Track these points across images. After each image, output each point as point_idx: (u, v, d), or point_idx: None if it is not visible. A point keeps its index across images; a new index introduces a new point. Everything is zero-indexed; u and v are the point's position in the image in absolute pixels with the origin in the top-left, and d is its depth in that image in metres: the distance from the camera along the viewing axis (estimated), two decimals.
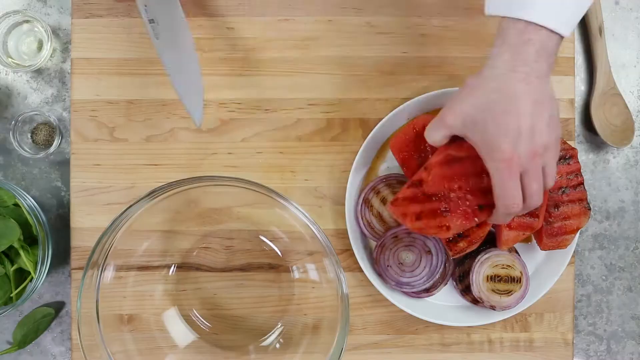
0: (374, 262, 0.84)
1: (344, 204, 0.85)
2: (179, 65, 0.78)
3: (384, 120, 0.84)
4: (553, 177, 0.69)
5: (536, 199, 0.68)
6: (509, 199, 0.67)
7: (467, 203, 0.72)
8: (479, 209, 0.72)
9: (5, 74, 0.90)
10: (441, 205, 0.72)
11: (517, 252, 0.85)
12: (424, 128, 0.76)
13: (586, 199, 0.81)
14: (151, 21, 0.77)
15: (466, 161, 0.71)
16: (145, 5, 0.77)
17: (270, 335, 0.87)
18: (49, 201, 0.90)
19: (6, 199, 0.83)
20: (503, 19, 0.66)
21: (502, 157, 0.65)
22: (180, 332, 0.86)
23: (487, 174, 0.68)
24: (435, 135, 0.71)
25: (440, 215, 0.72)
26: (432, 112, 0.86)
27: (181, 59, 0.79)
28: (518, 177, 0.66)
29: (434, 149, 0.76)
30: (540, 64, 0.66)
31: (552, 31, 0.66)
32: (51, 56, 0.89)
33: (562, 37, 0.68)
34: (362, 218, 0.85)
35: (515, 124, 0.65)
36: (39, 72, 0.89)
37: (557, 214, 0.80)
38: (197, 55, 0.79)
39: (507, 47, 0.66)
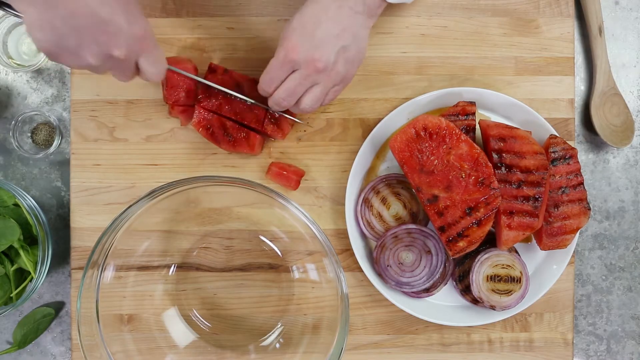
0: (374, 262, 0.84)
1: (344, 204, 0.85)
2: None
3: (384, 120, 0.84)
4: (313, 101, 0.75)
5: (288, 101, 0.75)
6: (267, 82, 0.75)
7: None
8: None
9: (5, 74, 0.90)
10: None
11: (517, 252, 0.85)
12: (424, 128, 0.77)
13: (586, 198, 0.81)
14: None
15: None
16: None
17: (270, 335, 0.87)
18: (49, 201, 0.90)
19: (6, 199, 0.83)
20: None
21: (285, 45, 0.72)
22: (180, 332, 0.86)
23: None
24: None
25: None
26: (432, 112, 0.86)
27: None
28: (287, 70, 0.73)
29: (434, 149, 0.76)
30: (369, 4, 0.73)
31: None
32: None
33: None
34: (362, 218, 0.85)
35: (312, 29, 0.71)
36: (39, 72, 0.89)
37: (557, 213, 0.80)
38: None
39: None
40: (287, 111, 0.82)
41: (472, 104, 0.81)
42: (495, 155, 0.78)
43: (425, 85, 0.87)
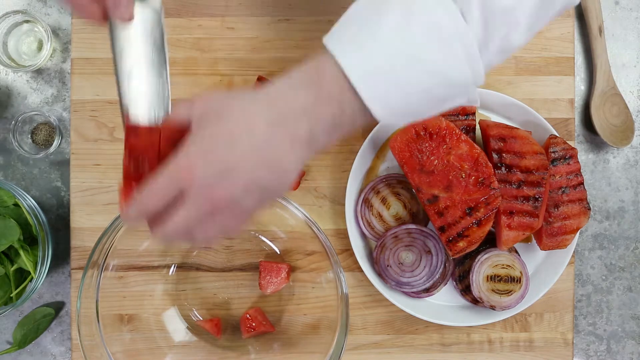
0: (374, 262, 0.84)
1: (344, 204, 0.85)
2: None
3: None
4: (209, 239, 0.55)
5: (168, 232, 0.54)
6: (146, 195, 0.53)
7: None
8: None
9: (5, 74, 0.90)
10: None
11: (517, 252, 0.85)
12: (424, 128, 0.77)
13: (586, 198, 0.81)
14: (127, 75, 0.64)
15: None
16: (121, 51, 0.64)
17: (270, 334, 0.87)
18: (49, 201, 0.90)
19: (6, 199, 0.83)
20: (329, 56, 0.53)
21: (179, 158, 0.52)
22: (180, 332, 0.86)
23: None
24: None
25: None
26: None
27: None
28: (174, 189, 0.53)
29: (434, 149, 0.76)
30: (316, 133, 0.53)
31: (361, 106, 0.53)
32: (51, 56, 0.89)
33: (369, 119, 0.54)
34: (362, 218, 0.85)
35: (223, 151, 0.52)
36: (39, 72, 0.89)
37: (557, 213, 0.80)
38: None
39: (310, 84, 0.53)
40: None
41: None
42: (495, 155, 0.78)
43: None
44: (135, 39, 0.62)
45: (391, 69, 0.51)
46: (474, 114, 0.81)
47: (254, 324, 0.84)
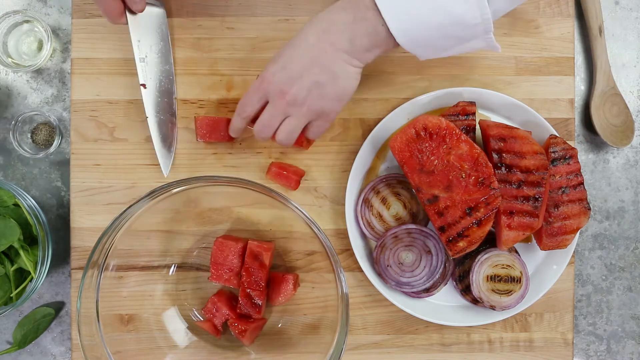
0: (374, 262, 0.84)
1: (344, 204, 0.85)
2: (159, 110, 0.84)
3: (384, 120, 0.84)
4: (286, 133, 0.75)
5: (261, 129, 0.75)
6: (241, 107, 0.76)
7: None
8: None
9: (5, 74, 0.90)
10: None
11: (517, 252, 0.85)
12: (424, 128, 0.77)
13: (586, 198, 0.81)
14: (141, 59, 0.82)
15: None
16: (139, 41, 0.81)
17: (270, 335, 0.87)
18: (49, 201, 0.90)
19: (6, 199, 0.83)
20: None
21: (262, 74, 0.73)
22: (180, 332, 0.86)
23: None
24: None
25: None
26: (432, 112, 0.86)
27: (162, 104, 0.84)
28: (260, 97, 0.73)
29: (434, 149, 0.76)
30: (356, 44, 0.69)
31: (389, 32, 0.68)
32: (51, 56, 0.89)
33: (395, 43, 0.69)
34: (362, 218, 0.85)
35: (287, 61, 0.71)
36: (39, 72, 0.89)
37: (557, 213, 0.80)
38: (176, 102, 0.84)
39: (350, 7, 0.69)
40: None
41: (472, 104, 0.81)
42: (495, 155, 0.78)
43: (425, 85, 0.87)
44: (147, 32, 0.82)
45: (412, 5, 0.65)
46: (474, 114, 0.81)
47: (235, 324, 0.83)
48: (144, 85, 0.82)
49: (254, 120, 0.78)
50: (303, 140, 0.83)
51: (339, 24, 0.69)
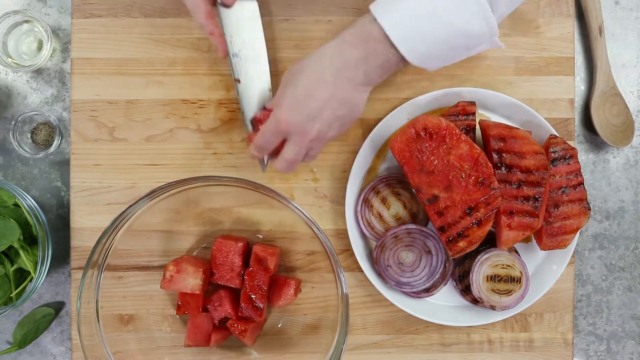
0: (374, 262, 0.84)
1: (344, 204, 0.85)
2: (255, 106, 0.81)
3: (384, 120, 0.84)
4: (312, 158, 0.77)
5: (285, 166, 0.76)
6: (259, 148, 0.76)
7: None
8: None
9: (5, 74, 0.90)
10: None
11: (517, 252, 0.85)
12: (424, 128, 0.77)
13: (586, 198, 0.81)
14: (234, 55, 0.80)
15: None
16: (231, 36, 0.79)
17: (270, 335, 0.87)
18: (49, 201, 0.90)
19: (6, 199, 0.83)
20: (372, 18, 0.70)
21: (278, 114, 0.72)
22: (180, 332, 0.86)
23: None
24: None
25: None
26: (432, 112, 0.86)
27: (257, 100, 0.81)
28: (279, 137, 0.74)
29: (434, 149, 0.76)
30: (371, 75, 0.72)
31: (401, 55, 0.70)
32: (51, 56, 0.89)
33: (405, 61, 0.71)
34: (362, 218, 0.85)
35: (305, 101, 0.71)
36: (39, 72, 0.89)
37: (557, 213, 0.80)
38: (271, 94, 0.82)
39: (360, 43, 0.71)
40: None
41: (472, 104, 0.81)
42: (495, 155, 0.78)
43: (426, 85, 0.87)
44: (238, 26, 0.80)
45: (420, 28, 0.68)
46: (474, 114, 0.81)
47: (236, 325, 0.83)
48: (238, 80, 0.80)
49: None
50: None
51: (352, 60, 0.71)
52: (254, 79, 0.81)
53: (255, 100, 0.81)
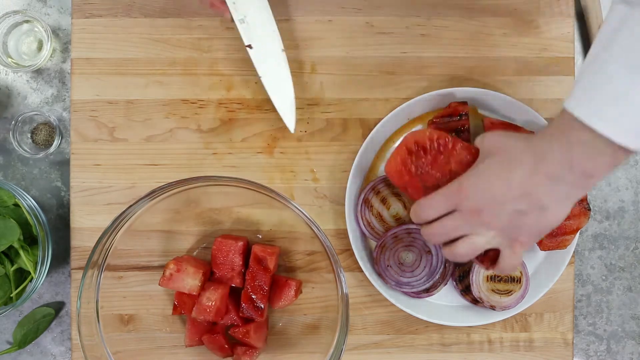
0: (374, 262, 0.84)
1: (344, 204, 0.85)
2: (270, 68, 0.80)
3: (384, 120, 0.84)
4: (467, 248, 0.68)
5: (440, 238, 0.69)
6: (423, 208, 0.69)
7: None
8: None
9: (5, 74, 0.90)
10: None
11: None
12: (415, 144, 0.74)
13: (586, 199, 0.81)
14: (241, 21, 0.79)
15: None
16: (234, 3, 0.78)
17: (271, 335, 0.87)
18: (49, 201, 0.90)
19: (6, 199, 0.83)
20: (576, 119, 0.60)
21: (458, 186, 0.67)
22: (180, 332, 0.86)
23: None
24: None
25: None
26: (432, 112, 0.86)
27: (272, 62, 0.80)
28: (449, 206, 0.67)
29: (431, 163, 0.74)
30: (579, 173, 0.62)
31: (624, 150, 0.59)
32: (51, 56, 0.89)
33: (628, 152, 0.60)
34: (362, 218, 0.85)
35: (491, 187, 0.65)
36: (39, 72, 0.89)
37: None
38: (285, 55, 0.81)
39: (560, 137, 0.62)
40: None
41: (464, 103, 0.81)
42: None
43: (425, 85, 0.87)
44: None
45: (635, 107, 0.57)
46: (466, 113, 0.81)
47: (240, 336, 0.82)
48: (249, 46, 0.80)
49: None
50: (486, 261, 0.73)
51: (554, 152, 0.62)
52: (266, 42, 0.80)
53: (269, 63, 0.80)
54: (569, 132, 0.61)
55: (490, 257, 0.71)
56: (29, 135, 0.90)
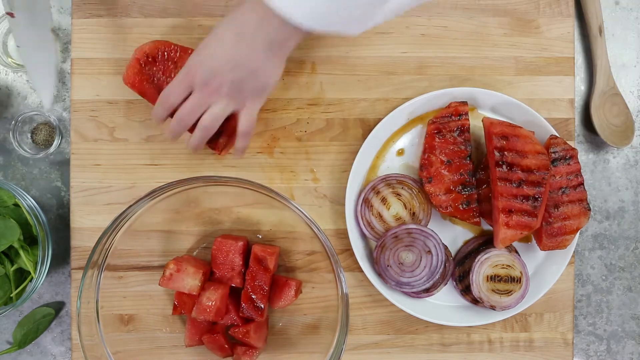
0: (374, 262, 0.84)
1: (344, 204, 0.85)
2: (31, 38, 0.76)
3: (384, 120, 0.84)
4: (211, 119, 0.75)
5: (185, 120, 0.75)
6: (166, 95, 0.75)
7: None
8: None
9: (5, 74, 0.90)
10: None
11: (517, 252, 0.85)
12: (146, 55, 0.79)
13: (586, 199, 0.81)
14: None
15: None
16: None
17: (270, 335, 0.87)
18: (49, 201, 0.90)
19: (6, 199, 0.83)
20: None
21: (187, 64, 0.74)
22: (180, 332, 0.86)
23: None
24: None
25: None
26: (432, 112, 0.86)
27: (33, 32, 0.76)
28: (185, 87, 0.74)
29: (164, 70, 0.80)
30: (275, 41, 0.70)
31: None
32: None
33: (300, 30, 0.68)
34: (362, 218, 0.85)
35: (208, 59, 0.72)
36: None
37: (557, 214, 0.80)
38: (53, 37, 0.80)
39: (257, 10, 0.69)
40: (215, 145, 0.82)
41: (464, 103, 0.81)
42: (497, 153, 0.78)
43: (425, 85, 0.87)
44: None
45: None
46: (467, 113, 0.81)
47: (241, 336, 0.82)
48: (11, 14, 0.73)
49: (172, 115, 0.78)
50: (219, 145, 0.81)
51: (251, 27, 0.70)
52: (31, 11, 0.74)
53: (33, 34, 0.75)
54: (257, 7, 0.69)
55: (220, 143, 0.81)
56: (29, 135, 0.90)
